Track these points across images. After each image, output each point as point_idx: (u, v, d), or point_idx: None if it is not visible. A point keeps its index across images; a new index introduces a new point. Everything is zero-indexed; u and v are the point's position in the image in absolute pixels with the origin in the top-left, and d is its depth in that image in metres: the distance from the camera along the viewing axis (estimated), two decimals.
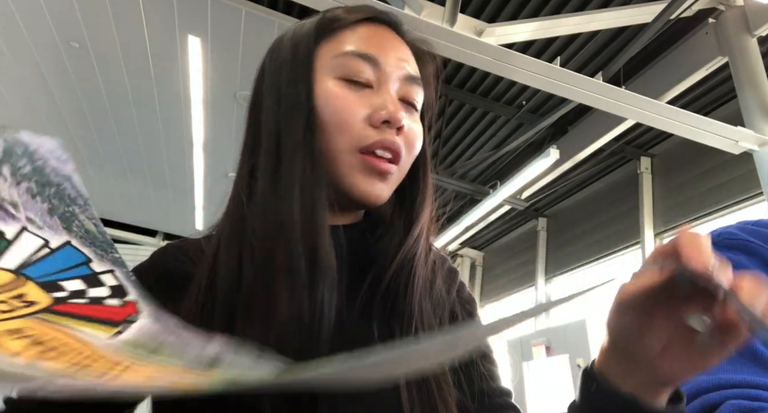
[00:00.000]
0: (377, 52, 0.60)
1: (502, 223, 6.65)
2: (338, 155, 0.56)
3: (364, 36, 0.61)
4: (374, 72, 0.59)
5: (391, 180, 0.59)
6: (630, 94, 2.95)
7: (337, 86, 0.58)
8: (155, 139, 4.52)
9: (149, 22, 3.20)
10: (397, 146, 0.57)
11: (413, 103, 0.62)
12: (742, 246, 0.58)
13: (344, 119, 0.56)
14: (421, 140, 0.62)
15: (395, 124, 0.57)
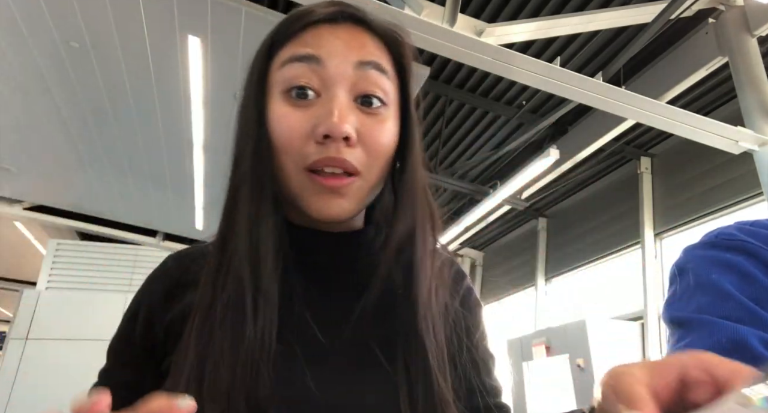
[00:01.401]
0: (317, 49, 0.55)
1: (502, 223, 6.65)
2: (289, 175, 0.54)
3: (306, 38, 0.56)
4: (317, 74, 0.54)
5: (352, 192, 0.54)
6: (630, 94, 2.95)
7: (281, 103, 0.55)
8: (155, 139, 4.51)
9: (149, 22, 3.20)
10: (345, 161, 0.52)
11: (372, 95, 0.55)
12: (740, 247, 0.58)
13: (286, 139, 0.54)
14: (389, 137, 0.56)
15: (338, 137, 0.52)
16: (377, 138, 0.55)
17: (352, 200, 0.55)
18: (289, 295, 0.56)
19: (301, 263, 0.58)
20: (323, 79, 0.54)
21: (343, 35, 0.56)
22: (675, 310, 0.58)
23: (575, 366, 4.26)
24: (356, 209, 0.56)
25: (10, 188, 5.63)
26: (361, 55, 0.55)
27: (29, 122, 4.36)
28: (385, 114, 0.56)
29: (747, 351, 0.49)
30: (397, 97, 0.59)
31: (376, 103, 0.55)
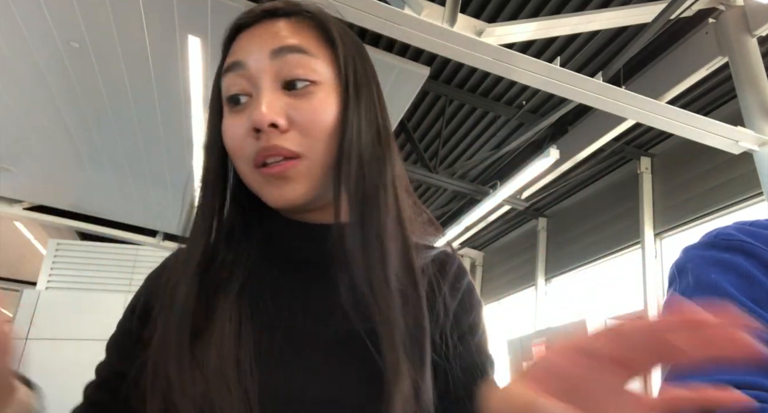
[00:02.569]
0: (239, 55, 0.58)
1: (502, 223, 6.65)
2: (246, 177, 0.58)
3: (233, 50, 0.60)
4: (245, 78, 0.57)
5: (299, 175, 0.55)
6: (630, 94, 2.95)
7: (227, 115, 0.58)
8: (155, 139, 4.51)
9: (149, 22, 3.20)
10: (277, 148, 0.54)
11: (294, 77, 0.56)
12: (739, 247, 0.58)
13: (233, 144, 0.57)
14: (323, 112, 0.56)
15: (263, 126, 0.53)
16: (309, 117, 0.56)
17: (302, 182, 0.56)
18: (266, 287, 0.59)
19: (287, 257, 0.61)
20: (249, 79, 0.57)
21: (258, 32, 0.59)
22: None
23: None
24: (310, 189, 0.57)
25: (10, 188, 5.63)
26: (274, 44, 0.57)
27: (29, 122, 4.36)
28: (314, 91, 0.56)
29: None
30: (333, 73, 0.59)
31: (300, 84, 0.56)
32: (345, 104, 0.58)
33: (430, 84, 4.17)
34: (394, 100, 3.73)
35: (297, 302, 0.58)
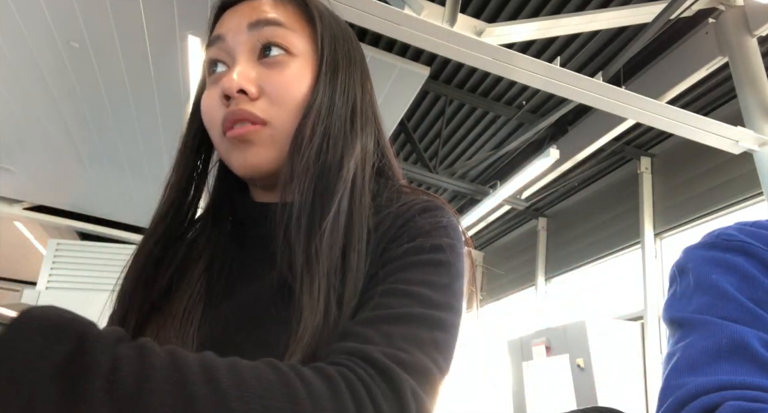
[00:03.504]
0: (219, 29, 0.60)
1: (502, 223, 6.65)
2: (218, 147, 0.59)
3: (217, 26, 0.61)
4: (224, 51, 0.58)
5: (261, 140, 0.55)
6: (630, 94, 2.95)
7: (207, 88, 0.60)
8: (155, 139, 4.51)
9: (149, 22, 3.20)
10: (243, 111, 0.54)
11: (269, 43, 0.57)
12: (740, 248, 0.58)
13: (206, 112, 0.59)
14: (294, 83, 0.56)
15: (231, 92, 0.54)
16: (279, 87, 0.56)
17: (265, 148, 0.56)
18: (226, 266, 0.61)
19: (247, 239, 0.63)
20: (228, 52, 0.58)
21: (240, 9, 0.60)
22: (675, 310, 0.58)
23: (575, 366, 4.26)
24: (273, 157, 0.56)
25: (10, 188, 5.63)
26: (252, 17, 0.58)
27: (29, 122, 4.36)
28: (288, 62, 0.57)
29: (747, 352, 0.49)
30: (310, 47, 0.60)
31: (274, 52, 0.57)
32: (318, 78, 0.58)
33: (430, 84, 4.17)
34: (394, 100, 3.73)
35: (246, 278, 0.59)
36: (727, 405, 0.45)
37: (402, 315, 0.46)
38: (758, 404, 0.44)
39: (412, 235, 0.53)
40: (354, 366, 0.40)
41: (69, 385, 0.33)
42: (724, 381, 0.47)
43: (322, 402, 0.37)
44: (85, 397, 0.33)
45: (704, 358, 0.50)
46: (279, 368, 0.39)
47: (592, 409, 0.66)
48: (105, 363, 0.34)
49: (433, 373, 0.44)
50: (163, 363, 0.36)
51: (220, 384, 0.36)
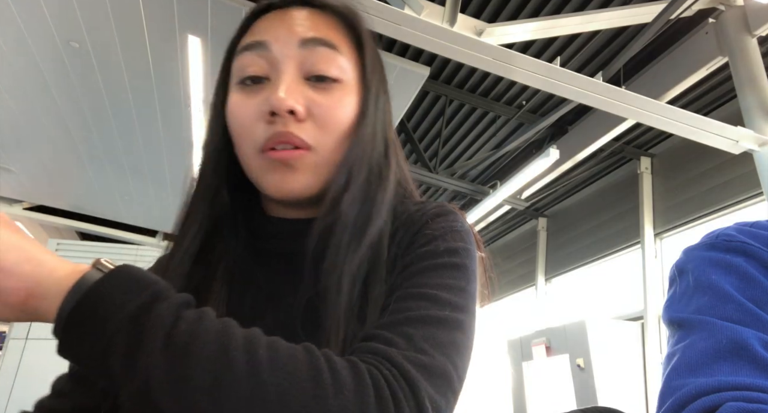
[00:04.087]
0: (264, 35, 0.56)
1: (502, 223, 6.65)
2: (249, 161, 0.56)
3: (255, 28, 0.58)
4: (266, 59, 0.55)
5: (305, 166, 0.54)
6: (630, 94, 2.95)
7: (235, 93, 0.57)
8: (155, 139, 4.51)
9: (149, 22, 3.20)
10: (291, 135, 0.53)
11: (321, 73, 0.55)
12: (740, 249, 0.58)
13: (240, 124, 0.56)
14: (343, 111, 0.56)
15: (282, 111, 0.52)
16: (327, 112, 0.55)
17: (306, 174, 0.55)
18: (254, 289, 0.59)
19: (271, 254, 0.60)
20: (270, 62, 0.55)
21: (288, 17, 0.57)
22: (675, 311, 0.58)
23: (575, 366, 4.26)
24: (313, 184, 0.56)
25: (10, 188, 5.63)
26: (306, 33, 0.56)
27: (29, 122, 4.36)
28: (337, 89, 0.56)
29: (747, 353, 0.49)
30: (357, 73, 0.59)
31: (326, 79, 0.56)
32: (365, 106, 0.57)
33: (430, 84, 4.17)
34: (394, 100, 3.71)
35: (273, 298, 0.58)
36: (727, 405, 0.45)
37: (421, 316, 0.47)
38: (758, 405, 0.44)
39: (426, 239, 0.54)
40: (380, 365, 0.42)
41: (137, 331, 0.39)
42: (724, 382, 0.47)
43: (344, 391, 0.39)
44: (146, 343, 0.39)
45: (704, 359, 0.50)
46: (313, 352, 0.42)
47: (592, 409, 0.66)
48: (168, 319, 0.40)
49: (452, 376, 0.46)
50: (216, 328, 0.41)
51: (257, 355, 0.40)
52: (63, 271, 0.42)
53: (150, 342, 0.39)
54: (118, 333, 0.39)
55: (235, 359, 0.39)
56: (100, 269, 0.43)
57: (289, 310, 0.55)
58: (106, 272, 0.42)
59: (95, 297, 0.40)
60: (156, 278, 0.43)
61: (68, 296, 0.40)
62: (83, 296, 0.40)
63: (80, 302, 0.40)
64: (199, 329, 0.40)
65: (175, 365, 0.38)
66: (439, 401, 0.44)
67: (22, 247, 0.43)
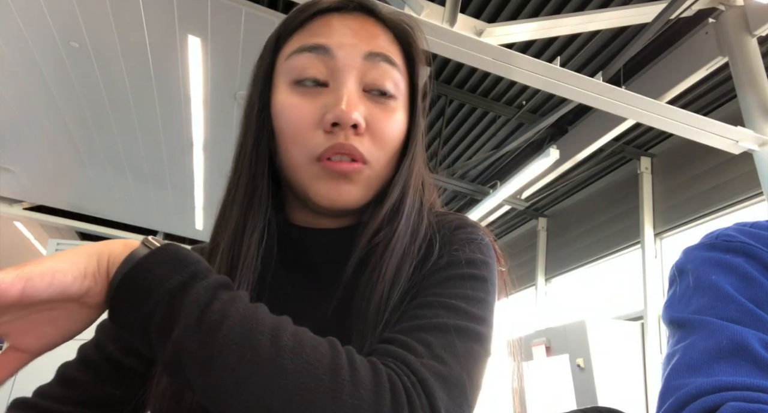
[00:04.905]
0: (327, 39, 0.55)
1: (502, 223, 6.65)
2: (299, 166, 0.55)
3: (315, 28, 0.57)
4: (326, 64, 0.55)
5: (360, 180, 0.55)
6: (630, 94, 2.95)
7: (288, 93, 0.55)
8: (155, 139, 4.51)
9: (149, 22, 3.20)
10: (353, 148, 0.53)
11: (382, 87, 0.56)
12: (740, 249, 0.58)
13: (295, 128, 0.54)
14: (397, 127, 0.57)
15: (346, 124, 0.52)
16: (385, 128, 0.56)
17: (360, 187, 0.55)
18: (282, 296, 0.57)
19: (297, 263, 0.59)
20: (332, 69, 0.55)
21: (352, 25, 0.57)
22: (675, 311, 0.58)
23: (575, 366, 4.26)
24: (365, 197, 0.56)
25: (10, 188, 5.63)
26: (372, 47, 0.56)
27: (29, 122, 4.36)
28: (394, 105, 0.57)
29: (747, 353, 0.49)
30: (407, 89, 0.60)
31: (385, 94, 0.56)
32: (414, 124, 0.59)
33: (430, 84, 4.16)
34: None
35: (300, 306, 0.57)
36: (728, 406, 0.45)
37: (440, 324, 0.48)
38: (758, 405, 0.44)
39: (446, 250, 0.55)
40: (399, 370, 0.43)
41: (175, 305, 0.41)
42: (724, 382, 0.47)
43: (360, 389, 0.40)
44: (182, 318, 0.41)
45: (704, 359, 0.50)
46: (336, 347, 0.43)
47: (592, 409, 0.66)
48: (204, 298, 0.42)
49: (468, 387, 0.46)
50: (247, 311, 0.42)
51: (281, 341, 0.41)
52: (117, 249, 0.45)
53: (185, 318, 0.41)
54: (158, 305, 0.42)
55: (260, 342, 0.40)
56: (148, 246, 0.45)
57: (317, 319, 0.55)
58: (152, 249, 0.44)
59: (141, 273, 0.43)
60: (198, 258, 0.45)
61: (119, 269, 0.43)
62: (130, 269, 0.43)
63: (127, 275, 0.43)
64: (230, 310, 0.41)
65: (204, 342, 0.40)
66: (455, 411, 0.44)
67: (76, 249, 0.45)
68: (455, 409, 0.44)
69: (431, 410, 0.42)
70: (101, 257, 0.44)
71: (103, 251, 0.44)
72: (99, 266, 0.44)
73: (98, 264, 0.44)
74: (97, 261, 0.44)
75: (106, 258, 0.44)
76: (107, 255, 0.44)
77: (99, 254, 0.44)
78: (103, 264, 0.44)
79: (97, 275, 0.43)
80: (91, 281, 0.43)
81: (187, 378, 0.41)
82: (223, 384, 0.40)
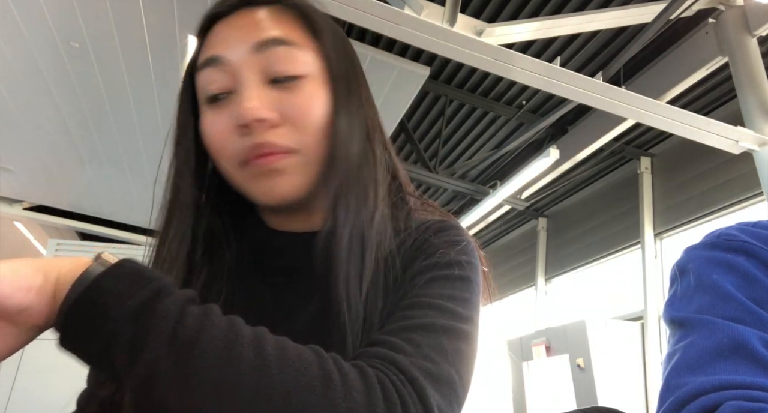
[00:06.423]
0: (216, 48, 0.55)
1: (502, 223, 6.65)
2: (233, 175, 0.56)
3: (208, 42, 0.57)
4: (225, 72, 0.54)
5: (291, 169, 0.54)
6: (630, 94, 2.95)
7: (206, 113, 0.56)
8: (155, 139, 4.51)
9: (149, 22, 3.20)
10: (270, 144, 0.52)
11: (283, 74, 0.54)
12: (741, 248, 0.58)
13: (217, 142, 0.55)
14: (313, 105, 0.54)
15: (251, 122, 0.51)
16: (300, 111, 0.53)
17: (294, 176, 0.54)
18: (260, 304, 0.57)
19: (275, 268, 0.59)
20: (230, 74, 0.54)
21: (237, 23, 0.56)
22: (676, 310, 0.58)
23: (575, 366, 4.26)
24: (302, 184, 0.55)
25: (10, 188, 5.62)
26: (258, 37, 0.54)
27: (29, 122, 4.35)
28: (304, 85, 0.54)
29: (747, 352, 0.49)
30: (320, 62, 0.57)
31: (290, 78, 0.54)
32: (335, 98, 0.56)
33: (430, 84, 4.17)
34: (394, 100, 3.73)
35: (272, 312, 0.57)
36: (728, 404, 0.45)
37: (427, 324, 0.48)
38: (759, 404, 0.44)
39: (430, 252, 0.54)
40: (387, 370, 0.42)
41: (141, 325, 0.38)
42: (725, 381, 0.47)
43: (353, 393, 0.39)
44: (151, 338, 0.38)
45: (705, 358, 0.50)
46: (321, 354, 0.41)
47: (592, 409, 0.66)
48: (173, 314, 0.39)
49: (458, 385, 0.46)
50: (222, 323, 0.40)
51: (265, 351, 0.39)
52: (66, 266, 0.41)
53: (155, 337, 0.38)
54: (122, 327, 0.38)
55: (242, 355, 0.38)
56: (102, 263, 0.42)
57: (300, 324, 0.55)
58: (109, 266, 0.41)
59: (98, 291, 0.39)
60: (159, 273, 0.42)
61: (72, 289, 0.39)
62: (86, 289, 0.39)
63: (82, 295, 0.39)
64: (206, 324, 0.39)
65: (180, 360, 0.38)
66: (446, 409, 0.44)
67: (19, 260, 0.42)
68: (447, 406, 0.44)
69: (423, 407, 0.41)
70: (48, 274, 0.40)
71: (50, 268, 0.41)
72: (44, 284, 0.40)
73: (44, 281, 0.40)
74: (43, 277, 0.40)
75: (54, 276, 0.40)
76: (55, 273, 0.41)
77: (46, 271, 0.40)
78: (50, 282, 0.40)
79: (41, 294, 0.40)
80: (34, 298, 0.39)
81: (163, 401, 0.38)
82: (206, 403, 0.37)
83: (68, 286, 0.40)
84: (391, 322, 0.49)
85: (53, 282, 0.40)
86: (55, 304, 0.40)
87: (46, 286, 0.40)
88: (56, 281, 0.40)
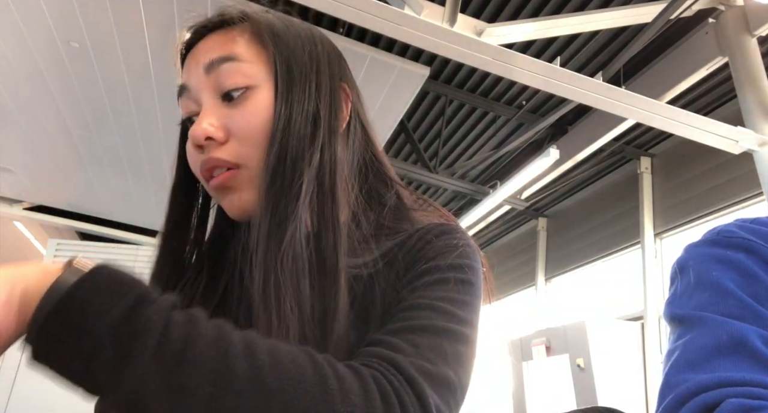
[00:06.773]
0: (185, 77, 0.59)
1: (502, 223, 6.65)
2: (208, 192, 0.60)
3: (183, 73, 0.61)
4: (192, 98, 0.58)
5: (240, 184, 0.55)
6: (630, 94, 2.95)
7: None
8: (155, 139, 4.51)
9: (149, 22, 3.20)
10: (213, 160, 0.54)
11: (228, 89, 0.55)
12: (741, 244, 0.58)
13: (190, 163, 0.59)
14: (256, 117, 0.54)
15: (199, 142, 0.54)
16: (243, 124, 0.55)
17: (245, 191, 0.56)
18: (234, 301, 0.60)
19: None
20: (195, 100, 0.58)
21: (197, 52, 0.59)
22: (676, 307, 0.58)
23: (575, 366, 4.26)
24: (255, 198, 0.55)
25: (10, 188, 5.63)
26: (208, 58, 0.57)
27: (29, 122, 4.35)
28: (249, 97, 0.55)
29: (747, 349, 0.49)
30: (267, 69, 0.57)
31: (236, 93, 0.55)
32: (277, 100, 0.55)
33: (430, 84, 4.17)
34: (394, 100, 3.73)
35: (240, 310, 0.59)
36: (727, 402, 0.45)
37: (427, 326, 0.48)
38: (758, 401, 0.44)
39: (431, 256, 0.55)
40: (385, 371, 0.42)
41: (124, 337, 0.36)
42: (724, 378, 0.47)
43: (350, 396, 0.39)
44: (135, 351, 0.36)
45: (704, 355, 0.50)
46: (315, 357, 0.41)
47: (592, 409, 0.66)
48: (158, 323, 0.37)
49: (456, 387, 0.46)
50: (210, 331, 0.39)
51: (259, 360, 0.38)
52: (33, 276, 0.38)
53: (140, 350, 0.36)
54: (101, 342, 0.36)
55: (236, 365, 0.37)
56: (74, 272, 0.39)
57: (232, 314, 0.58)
58: (82, 275, 0.38)
59: (73, 303, 0.37)
60: (138, 280, 0.40)
61: (42, 302, 0.37)
62: (58, 301, 0.36)
63: (55, 309, 0.36)
64: (193, 334, 0.38)
65: (169, 374, 0.36)
66: (444, 410, 0.44)
67: None
68: (444, 408, 0.44)
69: (422, 408, 0.41)
70: (14, 286, 0.37)
71: (17, 279, 0.38)
72: (10, 298, 0.37)
73: (9, 295, 0.37)
74: (9, 290, 0.37)
75: (21, 288, 0.37)
76: (22, 284, 0.38)
77: (12, 282, 0.37)
78: (16, 295, 0.37)
79: (7, 308, 0.37)
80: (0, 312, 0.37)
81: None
82: None
83: (37, 299, 0.37)
84: (391, 323, 0.49)
85: (18, 296, 0.37)
86: (23, 318, 0.37)
87: (11, 302, 0.37)
88: (21, 294, 0.37)
